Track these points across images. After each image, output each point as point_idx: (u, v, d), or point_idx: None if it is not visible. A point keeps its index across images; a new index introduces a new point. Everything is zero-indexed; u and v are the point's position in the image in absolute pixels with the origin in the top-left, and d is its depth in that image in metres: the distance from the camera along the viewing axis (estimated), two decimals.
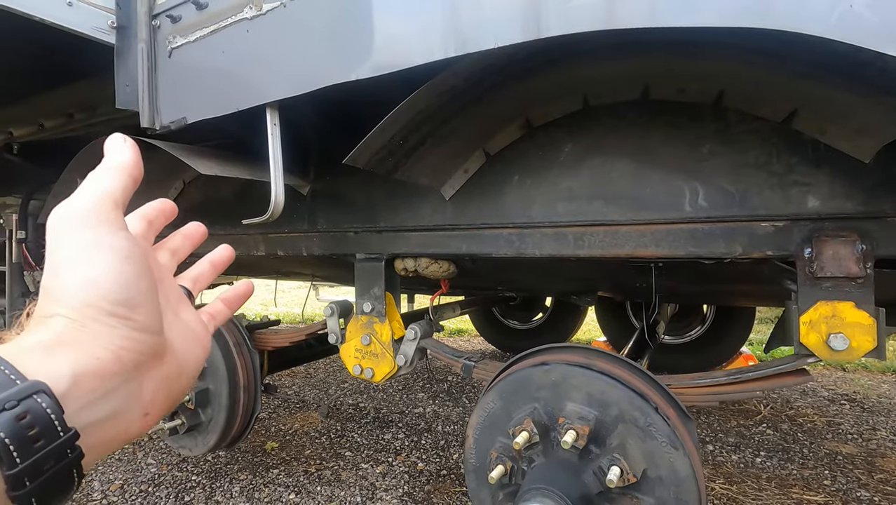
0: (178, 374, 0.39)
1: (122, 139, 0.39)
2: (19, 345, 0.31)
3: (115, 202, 0.36)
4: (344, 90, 1.06)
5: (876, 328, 0.91)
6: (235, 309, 0.51)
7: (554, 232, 1.26)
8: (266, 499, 1.95)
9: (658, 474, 0.93)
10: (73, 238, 0.34)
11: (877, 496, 1.92)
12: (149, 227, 0.44)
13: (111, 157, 0.38)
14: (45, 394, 0.29)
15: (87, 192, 0.35)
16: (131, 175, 0.38)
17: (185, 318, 0.43)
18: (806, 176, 1.02)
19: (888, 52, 0.60)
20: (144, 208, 0.46)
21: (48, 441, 0.28)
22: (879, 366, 3.84)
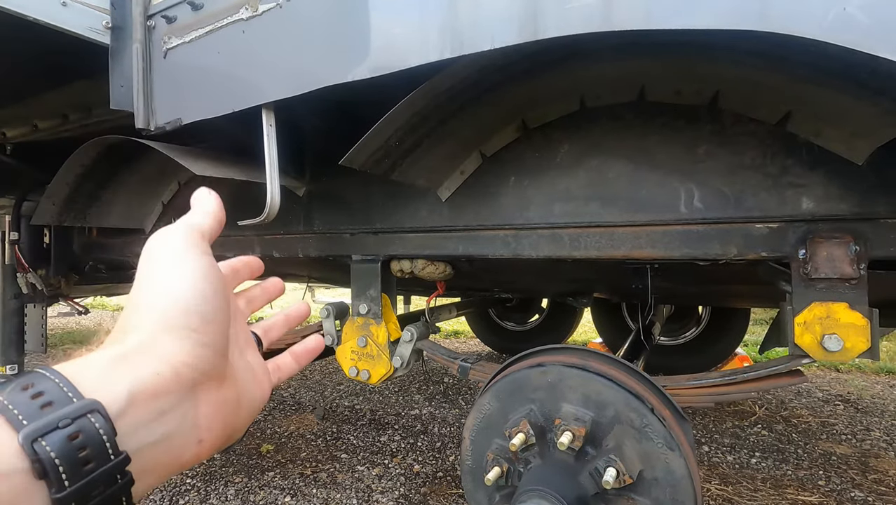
0: (236, 404, 0.39)
1: (208, 192, 0.44)
2: (86, 361, 0.31)
3: (203, 234, 0.40)
4: (341, 91, 1.06)
5: (869, 329, 0.91)
6: (303, 365, 0.52)
7: (550, 233, 1.26)
8: (261, 502, 1.94)
9: (654, 475, 0.93)
10: (163, 257, 0.37)
11: (871, 496, 1.93)
12: (233, 274, 0.49)
13: (198, 204, 0.43)
14: (100, 413, 0.28)
15: (180, 223, 0.40)
16: (216, 217, 0.43)
17: (250, 360, 0.44)
18: (800, 178, 1.02)
19: (880, 54, 0.61)
20: (233, 260, 0.50)
21: (98, 464, 0.27)
22: (873, 367, 3.86)
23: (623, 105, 1.19)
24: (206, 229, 0.41)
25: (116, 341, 0.33)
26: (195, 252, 0.38)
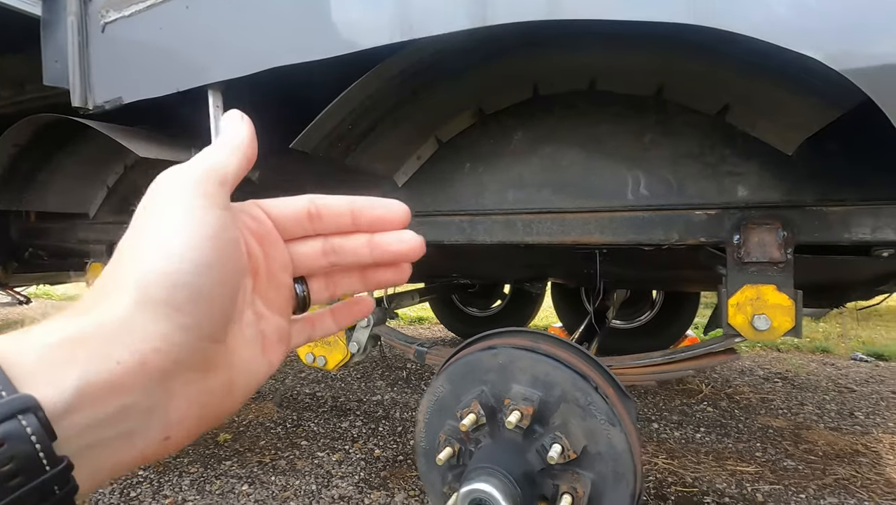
0: (224, 393, 0.31)
1: (240, 116, 0.34)
2: (30, 339, 0.24)
3: (223, 178, 0.31)
4: (292, 73, 1.04)
5: (794, 309, 0.98)
6: (344, 327, 0.42)
7: (504, 219, 1.28)
8: (217, 491, 1.92)
9: (598, 450, 0.97)
10: (163, 203, 0.29)
11: (801, 465, 2.09)
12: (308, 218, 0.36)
13: (226, 134, 0.33)
14: (34, 414, 0.22)
15: (196, 162, 0.31)
16: (245, 154, 0.33)
17: (269, 323, 0.35)
18: (737, 167, 1.08)
19: (804, 52, 0.65)
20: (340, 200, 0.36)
21: (28, 477, 0.22)
22: (810, 346, 4.13)
23: (575, 94, 1.21)
24: (229, 172, 0.31)
25: (83, 311, 0.27)
26: (206, 202, 0.29)
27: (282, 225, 0.35)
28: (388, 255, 0.36)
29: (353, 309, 0.41)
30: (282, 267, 0.35)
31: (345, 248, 0.36)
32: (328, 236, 0.37)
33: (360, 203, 0.36)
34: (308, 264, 0.37)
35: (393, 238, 0.36)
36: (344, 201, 0.36)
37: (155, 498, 1.87)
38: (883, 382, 3.25)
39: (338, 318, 0.41)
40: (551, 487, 0.98)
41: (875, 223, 0.95)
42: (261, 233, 0.34)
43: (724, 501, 1.83)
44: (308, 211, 0.36)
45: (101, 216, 2.00)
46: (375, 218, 0.36)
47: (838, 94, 0.74)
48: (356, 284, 0.39)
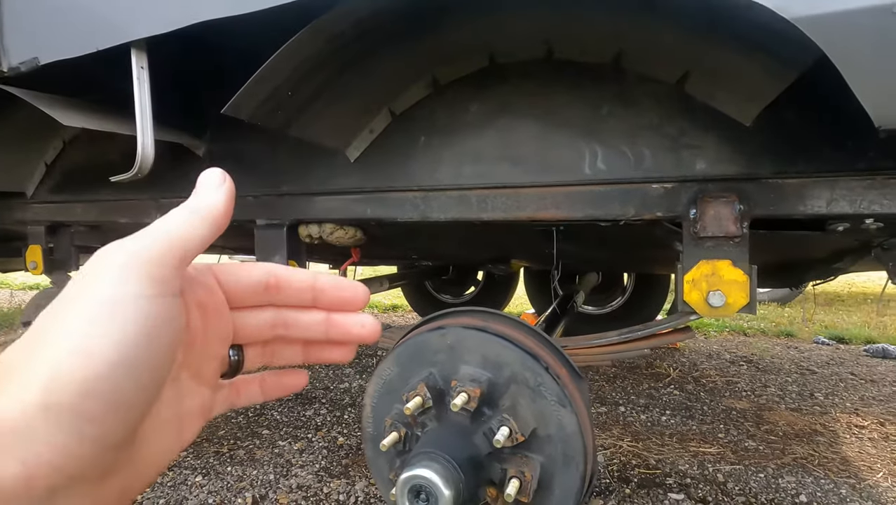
0: (118, 498, 0.27)
1: (221, 178, 0.30)
2: None
3: (183, 257, 0.26)
4: (231, 31, 0.96)
5: (749, 285, 0.95)
6: (271, 399, 0.38)
7: (458, 195, 1.22)
8: (169, 483, 1.84)
9: (547, 432, 0.93)
10: (104, 283, 0.24)
11: (762, 445, 2.11)
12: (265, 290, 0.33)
13: (200, 197, 0.29)
14: None
15: (155, 235, 0.26)
16: (217, 225, 0.28)
17: (192, 398, 0.31)
18: (695, 139, 1.04)
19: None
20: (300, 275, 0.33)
21: None
22: (775, 330, 4.22)
23: (532, 62, 1.16)
24: (192, 248, 0.27)
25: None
26: (155, 291, 0.24)
27: (234, 295, 0.32)
28: (346, 337, 0.35)
29: (286, 381, 0.38)
30: (221, 339, 0.32)
31: (298, 324, 0.35)
32: (282, 308, 0.34)
33: (324, 282, 0.34)
34: (252, 334, 0.34)
35: (354, 322, 0.35)
36: (306, 277, 0.34)
37: None
38: (842, 364, 3.33)
39: (267, 388, 0.37)
40: (499, 472, 0.93)
41: (830, 195, 0.92)
42: (208, 305, 0.31)
43: (686, 481, 1.83)
44: (266, 284, 0.33)
45: (40, 195, 1.87)
46: (339, 300, 0.34)
47: (792, 52, 0.70)
48: (297, 356, 0.37)
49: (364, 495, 1.74)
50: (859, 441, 2.17)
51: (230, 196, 0.30)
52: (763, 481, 1.83)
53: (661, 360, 3.35)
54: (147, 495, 1.75)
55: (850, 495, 1.74)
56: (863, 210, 0.90)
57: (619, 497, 1.72)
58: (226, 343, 0.32)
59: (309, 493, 1.77)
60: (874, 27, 0.55)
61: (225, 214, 0.29)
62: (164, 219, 0.27)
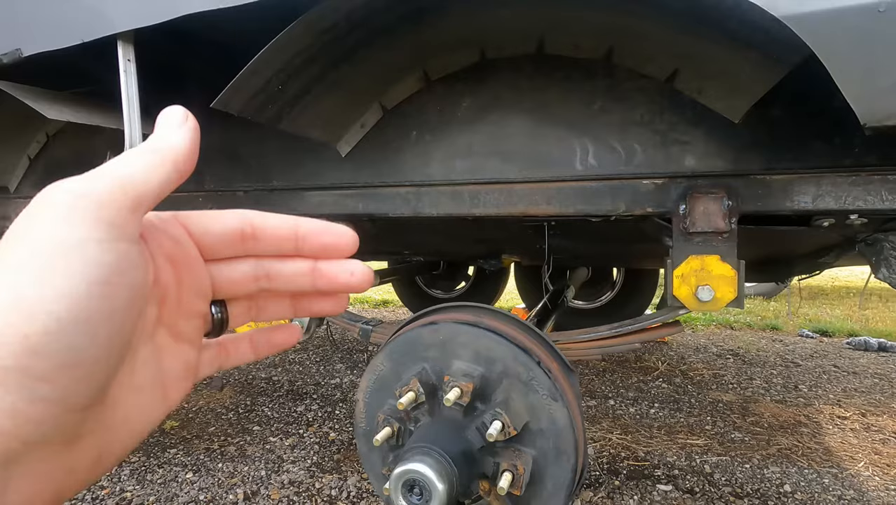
0: (93, 462, 0.25)
1: (183, 116, 0.27)
2: None
3: (138, 201, 0.23)
4: (222, 24, 0.95)
5: (737, 279, 0.97)
6: (263, 356, 0.35)
7: (451, 190, 1.22)
8: (160, 480, 1.83)
9: (539, 426, 0.94)
10: (46, 229, 0.21)
11: (747, 436, 2.15)
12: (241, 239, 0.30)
13: (158, 137, 0.26)
14: None
15: (105, 174, 0.23)
16: (179, 169, 0.25)
17: (174, 358, 0.29)
18: (685, 135, 1.05)
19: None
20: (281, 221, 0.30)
21: None
22: (761, 323, 4.29)
23: (523, 58, 1.16)
24: (148, 191, 0.24)
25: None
26: (107, 236, 0.21)
27: (207, 246, 0.29)
28: (334, 286, 0.32)
29: (276, 338, 0.35)
30: (198, 293, 0.30)
31: (282, 275, 0.31)
32: (262, 259, 0.31)
33: (307, 227, 0.31)
34: (232, 289, 0.31)
35: (342, 269, 0.31)
36: (287, 223, 0.31)
37: (90, 489, 1.76)
38: (826, 356, 3.39)
39: (257, 346, 0.34)
40: (492, 465, 0.94)
41: (816, 191, 0.94)
42: (178, 256, 0.28)
43: (674, 473, 1.86)
44: (241, 231, 0.30)
45: (23, 190, 1.84)
46: (323, 246, 0.31)
47: (781, 50, 0.71)
48: (285, 310, 0.34)
49: (356, 490, 1.74)
50: (841, 431, 2.22)
51: (194, 136, 0.26)
52: (749, 472, 1.86)
53: (649, 353, 3.39)
54: (137, 493, 1.74)
55: (833, 484, 1.78)
56: (847, 206, 0.92)
57: (609, 489, 1.74)
58: (205, 299, 0.30)
59: (301, 488, 1.77)
60: (861, 26, 0.56)
61: (187, 156, 0.26)
62: (117, 159, 0.24)
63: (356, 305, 5.48)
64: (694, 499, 1.69)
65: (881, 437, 2.17)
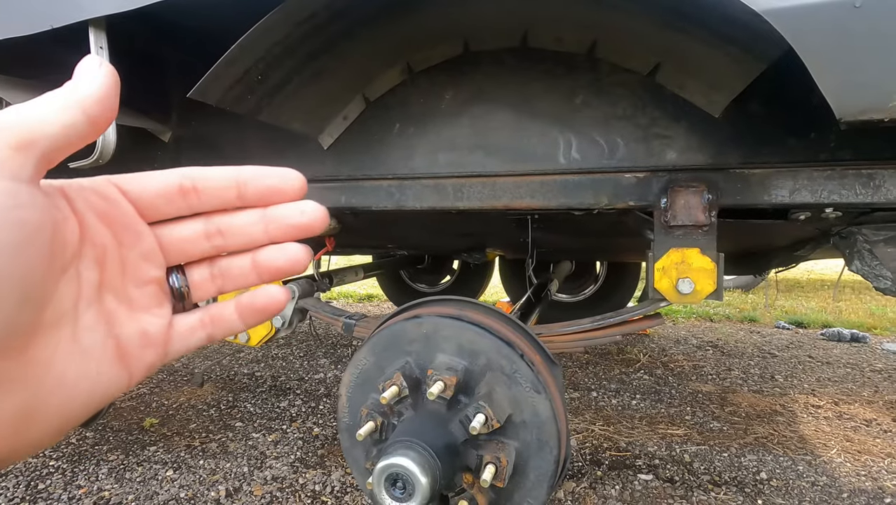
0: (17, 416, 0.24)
1: (97, 63, 0.25)
2: None
3: (28, 140, 0.22)
4: (200, 11, 0.92)
5: (716, 272, 0.98)
6: (253, 324, 0.33)
7: (434, 184, 1.22)
8: (139, 478, 1.80)
9: (522, 419, 0.95)
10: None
11: (726, 426, 2.20)
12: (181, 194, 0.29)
13: (71, 83, 0.24)
14: None
15: (9, 114, 0.22)
16: (86, 112, 0.24)
17: (128, 325, 0.28)
18: (666, 129, 1.06)
19: None
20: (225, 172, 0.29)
21: None
22: (739, 316, 4.38)
23: (507, 51, 1.15)
24: (43, 133, 0.22)
25: None
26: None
27: (145, 204, 0.29)
28: (287, 230, 0.31)
29: (258, 303, 0.32)
30: (144, 256, 0.29)
31: (233, 228, 0.31)
32: (210, 215, 0.30)
33: (247, 174, 0.30)
34: (186, 250, 0.30)
35: (292, 210, 0.30)
36: (227, 172, 0.30)
37: (66, 489, 1.73)
38: (801, 347, 3.49)
39: (244, 312, 0.32)
40: (475, 458, 0.95)
41: (793, 185, 0.95)
42: (112, 215, 0.27)
43: (655, 462, 1.89)
44: (180, 186, 0.29)
45: None
46: (267, 189, 0.30)
47: (760, 45, 0.72)
48: (247, 274, 0.32)
49: (340, 485, 1.74)
50: (815, 420, 2.28)
51: (107, 82, 0.25)
52: (727, 460, 1.91)
53: (631, 345, 3.44)
54: (115, 491, 1.71)
55: (807, 471, 1.83)
56: (823, 200, 0.94)
57: (591, 479, 1.77)
58: (155, 264, 0.29)
59: (284, 484, 1.75)
60: (838, 20, 0.57)
61: (98, 100, 0.24)
62: (31, 102, 0.23)
63: (340, 300, 5.45)
64: (674, 487, 1.72)
65: (852, 424, 2.24)
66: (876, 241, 0.96)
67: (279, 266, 0.32)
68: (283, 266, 0.32)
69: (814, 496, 1.68)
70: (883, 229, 0.95)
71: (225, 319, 0.32)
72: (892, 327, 4.04)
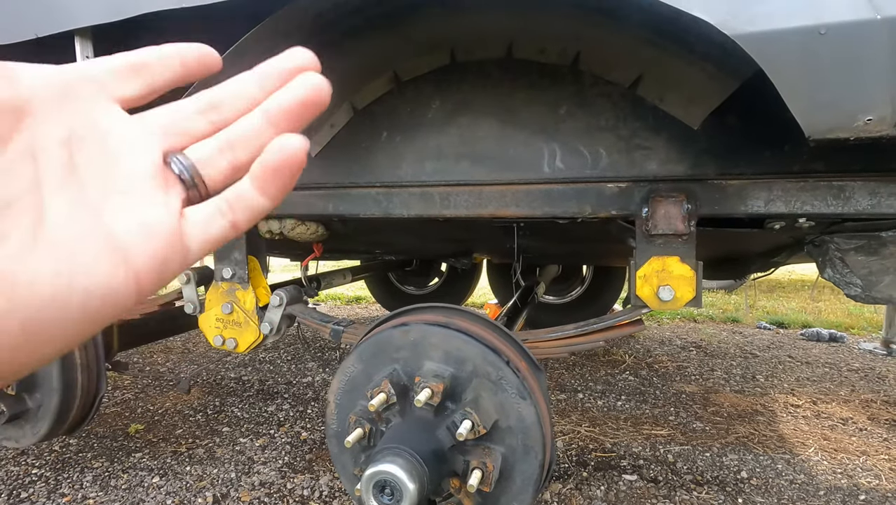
0: None
1: None
2: None
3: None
4: (187, 26, 0.92)
5: (695, 280, 1.01)
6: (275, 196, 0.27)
7: (421, 192, 1.23)
8: (124, 486, 1.78)
9: (508, 424, 0.97)
10: None
11: (708, 425, 2.25)
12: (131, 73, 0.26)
13: None
14: None
15: None
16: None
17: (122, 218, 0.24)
18: (647, 140, 1.09)
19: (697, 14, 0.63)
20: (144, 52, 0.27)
21: None
22: (722, 317, 4.46)
23: (492, 62, 1.17)
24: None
25: None
26: None
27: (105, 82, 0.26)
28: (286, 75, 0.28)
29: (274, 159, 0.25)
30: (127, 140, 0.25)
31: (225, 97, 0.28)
32: None
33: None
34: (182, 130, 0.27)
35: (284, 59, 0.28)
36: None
37: (50, 498, 1.71)
38: (782, 347, 3.56)
39: (262, 182, 0.26)
40: (462, 463, 0.96)
41: (768, 196, 0.99)
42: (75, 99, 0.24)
43: (639, 463, 1.93)
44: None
45: None
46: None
47: (733, 64, 0.75)
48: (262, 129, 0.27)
49: (328, 490, 1.74)
50: (794, 419, 2.34)
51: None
52: (709, 460, 1.95)
53: (617, 347, 3.49)
54: (101, 499, 1.69)
55: (786, 470, 1.88)
56: (796, 210, 0.97)
57: (577, 480, 1.80)
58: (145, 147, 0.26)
59: (272, 489, 1.75)
60: (804, 46, 0.60)
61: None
62: None
63: (328, 303, 5.43)
64: (658, 487, 1.76)
65: (830, 423, 2.30)
66: (847, 250, 1.00)
67: (300, 99, 0.27)
68: (303, 97, 0.27)
69: (792, 494, 1.73)
70: (853, 238, 0.99)
71: (244, 199, 0.27)
72: (868, 327, 4.15)
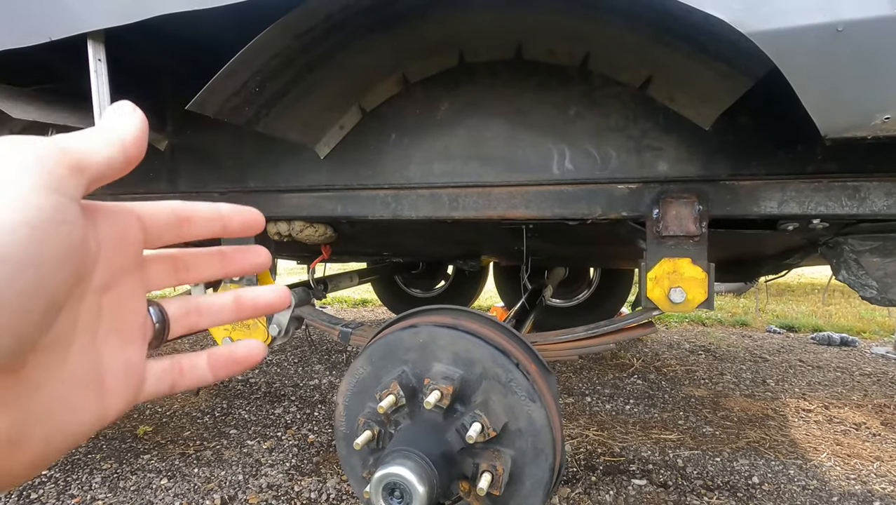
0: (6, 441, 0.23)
1: (131, 109, 0.27)
2: None
3: (78, 164, 0.23)
4: (197, 24, 0.93)
5: (707, 282, 1.00)
6: (222, 377, 0.33)
7: (430, 193, 1.23)
8: (133, 487, 1.79)
9: (518, 427, 0.96)
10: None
11: (718, 430, 2.22)
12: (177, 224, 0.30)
13: (110, 120, 0.27)
14: None
15: (49, 138, 0.23)
16: (126, 151, 0.26)
17: (115, 357, 0.27)
18: (657, 141, 1.08)
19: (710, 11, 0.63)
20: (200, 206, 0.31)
21: None
22: (731, 320, 4.42)
23: (501, 63, 1.17)
24: (91, 161, 0.24)
25: None
26: (40, 181, 0.21)
27: (153, 234, 0.29)
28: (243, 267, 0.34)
29: (238, 355, 0.33)
30: (141, 285, 0.29)
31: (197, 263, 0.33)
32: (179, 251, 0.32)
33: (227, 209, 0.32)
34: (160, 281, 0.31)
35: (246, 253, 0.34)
36: (211, 206, 0.32)
37: (60, 499, 1.72)
38: (792, 351, 3.52)
39: (216, 364, 0.32)
40: (471, 466, 0.96)
41: (782, 197, 0.97)
42: (127, 242, 0.28)
43: (648, 467, 1.91)
44: (178, 216, 0.30)
45: None
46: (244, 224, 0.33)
47: (747, 63, 0.74)
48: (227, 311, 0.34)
49: (336, 492, 1.74)
50: (806, 424, 2.31)
51: (142, 126, 0.27)
52: (719, 465, 1.93)
53: (625, 350, 3.46)
54: (109, 501, 1.70)
55: (798, 475, 1.85)
56: (810, 211, 0.96)
57: (586, 485, 1.78)
58: (142, 292, 0.29)
59: (280, 492, 1.75)
60: (821, 43, 0.59)
61: (134, 142, 0.26)
62: (65, 135, 0.25)
63: (335, 306, 5.44)
64: (667, 492, 1.74)
65: (842, 428, 2.27)
66: (862, 252, 0.98)
67: (269, 303, 0.34)
68: (271, 301, 0.34)
69: (804, 500, 1.70)
70: (868, 240, 0.98)
71: (195, 371, 0.32)
72: (880, 331, 4.10)
